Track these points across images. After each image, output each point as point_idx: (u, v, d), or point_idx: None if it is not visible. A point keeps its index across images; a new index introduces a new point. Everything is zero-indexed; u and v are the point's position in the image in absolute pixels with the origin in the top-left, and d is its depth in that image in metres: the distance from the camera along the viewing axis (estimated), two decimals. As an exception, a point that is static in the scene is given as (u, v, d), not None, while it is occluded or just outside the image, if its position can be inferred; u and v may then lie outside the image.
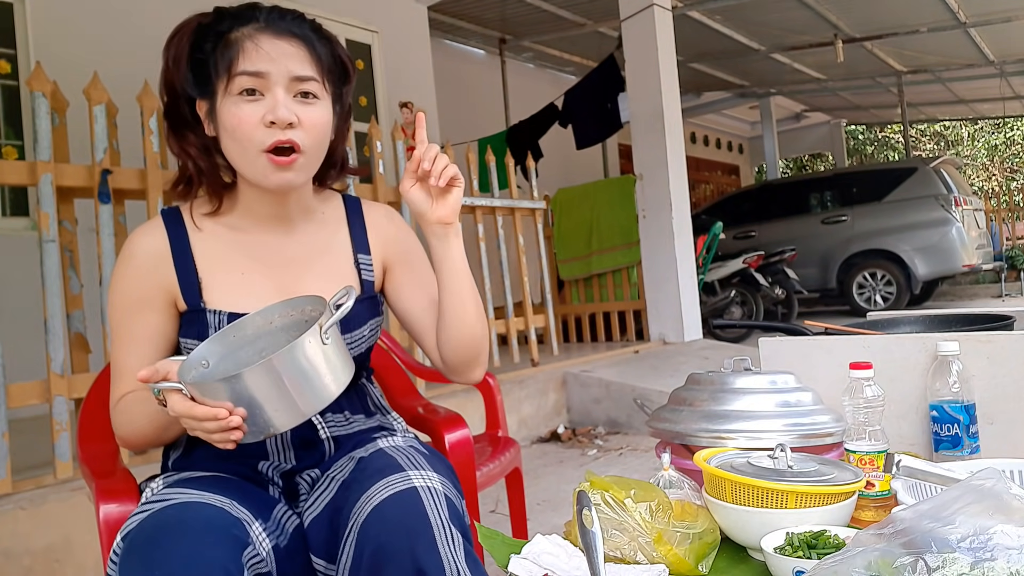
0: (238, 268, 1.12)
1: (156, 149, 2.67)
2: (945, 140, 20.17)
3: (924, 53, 9.22)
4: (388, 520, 0.92)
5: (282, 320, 1.04)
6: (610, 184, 6.17)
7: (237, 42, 1.02)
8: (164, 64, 1.08)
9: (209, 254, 1.12)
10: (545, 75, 9.66)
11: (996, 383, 1.25)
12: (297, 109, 1.03)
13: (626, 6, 5.64)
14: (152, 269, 1.09)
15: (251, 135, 1.02)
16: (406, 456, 1.03)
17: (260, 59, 1.01)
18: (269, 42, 1.03)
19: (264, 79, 1.02)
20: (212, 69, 1.03)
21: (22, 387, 2.33)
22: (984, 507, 0.69)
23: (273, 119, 1.01)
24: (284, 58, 1.03)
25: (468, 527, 0.98)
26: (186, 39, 1.06)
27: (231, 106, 1.02)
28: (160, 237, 1.11)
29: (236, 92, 1.02)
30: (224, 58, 1.02)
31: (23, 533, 2.12)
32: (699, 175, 13.10)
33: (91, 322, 2.64)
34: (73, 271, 2.59)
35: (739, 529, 0.95)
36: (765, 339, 1.46)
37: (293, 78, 1.03)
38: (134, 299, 1.09)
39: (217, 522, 0.90)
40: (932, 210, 8.03)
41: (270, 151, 1.03)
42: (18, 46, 4.40)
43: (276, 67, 1.02)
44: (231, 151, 1.06)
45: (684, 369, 4.31)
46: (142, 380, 0.92)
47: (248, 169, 1.05)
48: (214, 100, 1.05)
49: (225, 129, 1.04)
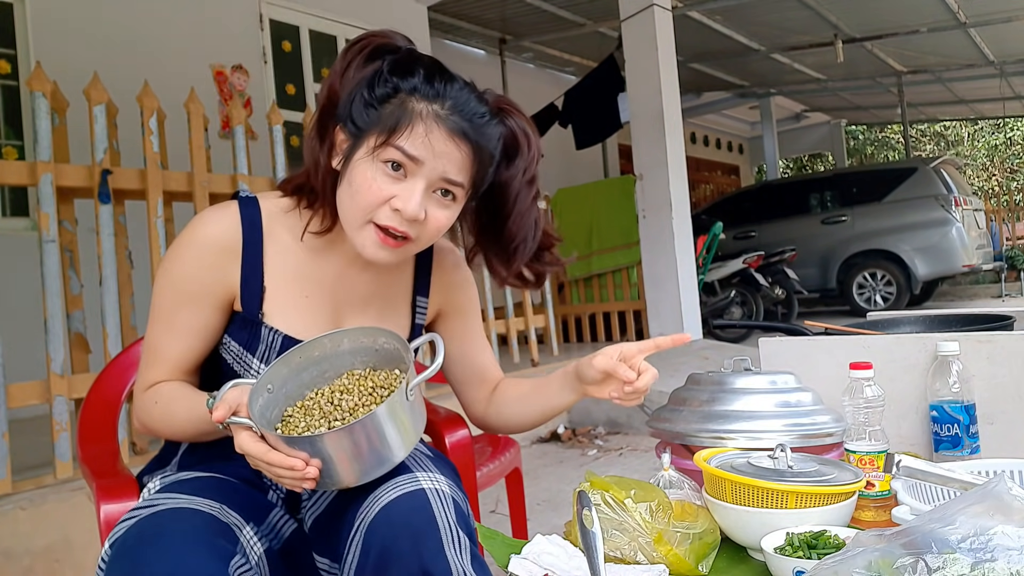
0: (303, 290, 1.08)
1: (156, 149, 2.67)
2: (945, 140, 20.17)
3: (924, 53, 9.22)
4: (395, 521, 0.91)
5: (351, 344, 1.00)
6: (610, 184, 6.18)
7: (412, 114, 0.96)
8: (336, 69, 1.01)
9: (279, 264, 1.07)
10: (545, 75, 9.66)
11: (996, 383, 1.25)
12: (429, 206, 0.99)
13: (626, 6, 5.64)
14: (217, 263, 1.03)
15: (373, 207, 0.97)
16: (412, 457, 1.02)
17: (423, 148, 0.96)
18: (441, 137, 0.96)
19: (416, 165, 0.96)
20: (374, 119, 0.97)
21: (22, 387, 2.33)
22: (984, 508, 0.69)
23: (401, 208, 0.96)
24: (445, 158, 0.97)
25: (474, 530, 0.97)
26: (366, 57, 0.99)
27: (369, 168, 0.97)
28: (233, 227, 1.04)
29: (382, 159, 0.96)
30: (391, 119, 0.96)
31: (23, 533, 2.12)
32: (699, 175, 13.10)
33: (91, 322, 2.64)
34: (73, 271, 2.59)
35: (739, 529, 0.95)
36: (765, 339, 1.46)
37: (442, 178, 0.98)
38: (189, 290, 1.04)
39: (204, 531, 0.89)
40: (932, 210, 8.03)
41: (381, 229, 0.98)
42: (18, 46, 4.40)
43: (434, 162, 0.97)
44: (345, 205, 1.00)
45: (684, 369, 4.30)
46: (218, 422, 0.89)
47: (352, 230, 1.00)
48: (356, 146, 0.99)
49: (351, 184, 0.99)
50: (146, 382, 1.07)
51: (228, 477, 1.04)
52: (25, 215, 4.45)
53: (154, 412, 1.05)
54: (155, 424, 1.06)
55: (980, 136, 19.80)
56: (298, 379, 0.98)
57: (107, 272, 2.54)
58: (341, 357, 1.01)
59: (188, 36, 5.03)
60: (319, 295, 1.09)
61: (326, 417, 0.95)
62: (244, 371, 1.07)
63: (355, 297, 1.12)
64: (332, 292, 1.10)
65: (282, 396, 0.96)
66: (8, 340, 2.40)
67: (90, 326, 2.64)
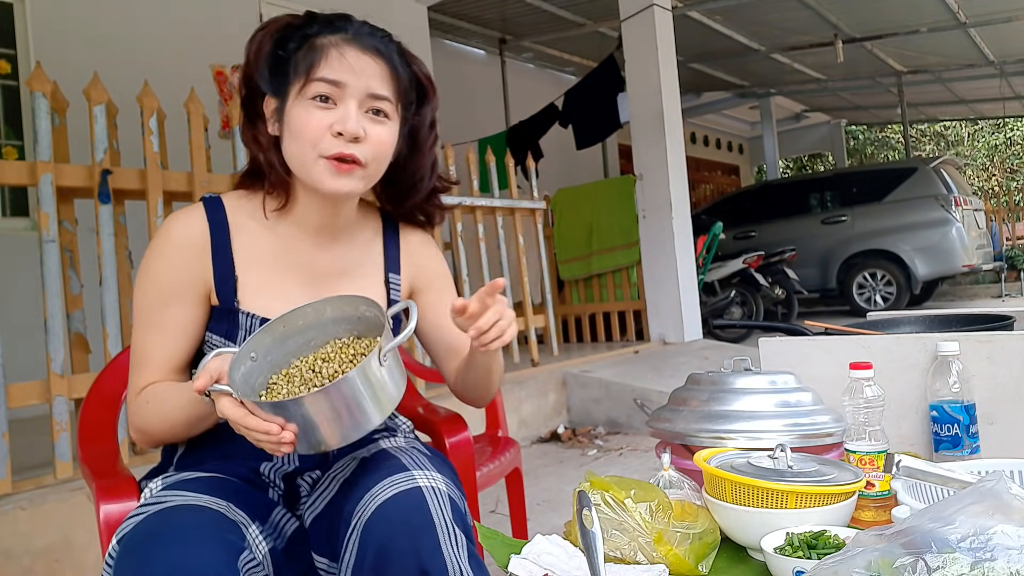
0: (275, 273, 1.11)
1: (156, 149, 2.67)
2: (945, 140, 20.17)
3: (924, 53, 9.22)
4: (392, 519, 0.92)
5: (334, 313, 1.02)
6: (610, 184, 6.17)
7: (322, 48, 1.03)
8: (246, 57, 1.08)
9: (248, 253, 1.11)
10: (545, 75, 9.67)
11: (996, 383, 1.25)
12: (366, 124, 1.04)
13: (626, 6, 5.64)
14: (189, 259, 1.07)
15: (316, 140, 1.02)
16: (409, 456, 1.03)
17: (342, 69, 1.02)
18: (354, 55, 1.03)
19: (341, 89, 1.02)
20: (291, 69, 1.04)
21: (22, 387, 2.33)
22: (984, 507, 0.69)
23: (341, 130, 1.01)
24: (365, 73, 1.03)
25: (471, 528, 0.98)
26: (270, 35, 1.07)
27: (301, 109, 1.03)
28: (200, 225, 1.09)
29: (310, 96, 1.02)
30: (306, 60, 1.03)
31: (23, 533, 2.12)
32: (699, 175, 13.10)
33: (91, 322, 2.64)
34: (73, 271, 2.59)
35: (739, 529, 0.95)
36: (765, 339, 1.46)
37: (369, 95, 1.04)
38: (168, 289, 1.07)
39: (213, 526, 0.89)
40: (932, 210, 8.03)
41: (332, 158, 1.03)
42: (18, 46, 4.41)
43: (356, 80, 1.03)
44: (292, 153, 1.06)
45: (684, 369, 4.31)
46: (199, 391, 0.91)
47: (307, 172, 1.05)
48: (285, 100, 1.05)
49: (291, 130, 1.04)
50: (137, 387, 1.07)
51: (229, 477, 1.05)
52: (25, 215, 4.45)
53: (147, 412, 1.05)
54: (149, 423, 1.05)
55: (980, 136, 19.79)
56: (283, 347, 1.00)
57: (107, 272, 2.54)
58: (326, 326, 1.02)
59: (188, 36, 5.03)
60: (292, 276, 1.12)
61: (307, 384, 0.96)
62: None
63: (328, 275, 1.15)
64: (304, 272, 1.13)
65: (267, 364, 0.98)
66: (8, 340, 2.40)
67: (90, 326, 2.64)
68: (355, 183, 1.05)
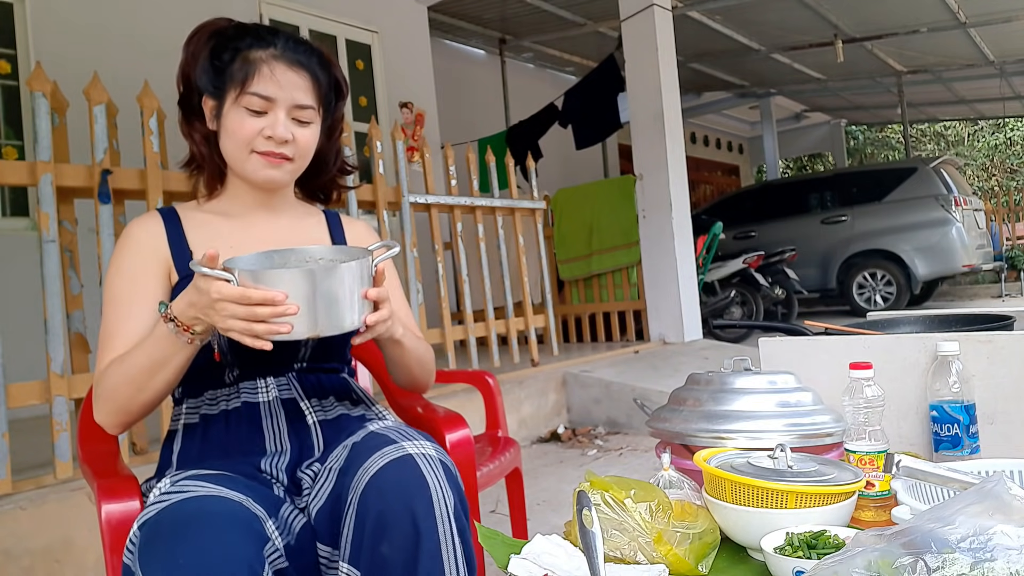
0: (227, 243, 1.22)
1: (156, 149, 2.67)
2: (945, 140, 20.16)
3: (924, 53, 9.22)
4: (385, 487, 0.96)
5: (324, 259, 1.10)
6: (610, 184, 6.17)
7: (255, 63, 1.16)
8: (184, 57, 1.22)
9: (201, 234, 1.23)
10: (545, 75, 9.66)
11: (996, 383, 1.25)
12: (293, 129, 1.18)
13: (626, 6, 5.64)
14: (150, 246, 1.19)
15: (250, 142, 1.17)
16: (397, 431, 1.08)
17: (272, 85, 1.16)
18: (282, 71, 1.17)
19: (271, 102, 1.16)
20: (227, 78, 1.17)
21: (22, 387, 2.33)
22: (984, 507, 0.69)
23: (272, 135, 1.16)
24: (291, 87, 1.17)
25: (462, 491, 1.04)
26: (205, 40, 1.20)
27: (236, 115, 1.16)
28: (156, 222, 1.23)
29: (244, 105, 1.16)
30: (240, 72, 1.16)
31: (23, 533, 2.12)
32: (699, 175, 13.10)
33: (91, 322, 2.64)
34: (73, 271, 2.59)
35: (739, 529, 0.95)
36: (765, 339, 1.46)
37: (294, 105, 1.18)
38: (134, 269, 1.17)
39: (239, 516, 0.91)
40: (932, 210, 8.02)
41: (263, 154, 1.17)
42: (18, 46, 4.40)
43: (283, 95, 1.17)
44: (228, 149, 1.20)
45: (684, 369, 4.31)
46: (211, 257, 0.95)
47: (241, 166, 1.20)
48: (222, 103, 1.18)
49: (227, 132, 1.18)
50: (102, 366, 1.11)
51: (235, 475, 1.05)
52: (25, 215, 4.45)
53: (109, 375, 1.08)
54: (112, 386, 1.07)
55: (980, 136, 19.79)
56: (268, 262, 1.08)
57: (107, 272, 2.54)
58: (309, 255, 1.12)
59: (188, 36, 5.02)
60: (245, 245, 1.22)
61: None
62: None
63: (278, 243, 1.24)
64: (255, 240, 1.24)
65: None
66: (8, 340, 2.40)
67: (90, 326, 2.63)
68: (283, 174, 1.21)
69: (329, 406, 1.22)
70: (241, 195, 1.26)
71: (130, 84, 3.02)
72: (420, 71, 6.70)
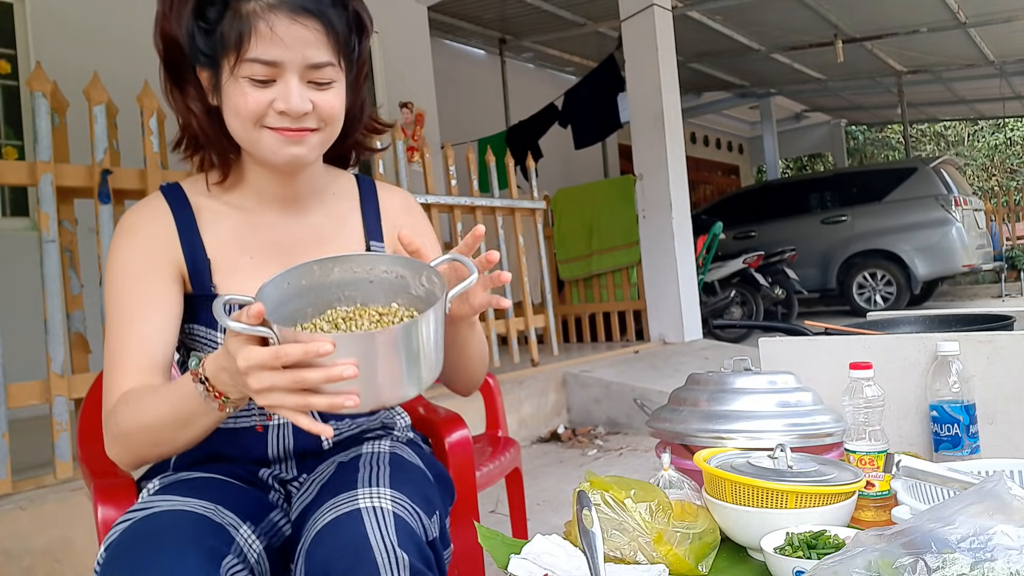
0: (247, 251, 1.05)
1: (156, 149, 2.67)
2: (945, 140, 20.17)
3: (924, 53, 9.22)
4: (331, 544, 0.87)
5: (341, 275, 0.88)
6: (610, 184, 6.17)
7: (248, 19, 0.91)
8: (160, 9, 0.97)
9: (217, 235, 1.04)
10: (545, 75, 9.66)
11: (996, 383, 1.25)
12: (311, 95, 0.95)
13: (626, 6, 5.64)
14: (158, 242, 1.01)
15: (257, 115, 0.95)
16: (371, 470, 0.97)
17: (274, 46, 0.91)
18: (284, 25, 0.91)
19: (277, 68, 0.93)
20: (218, 44, 0.93)
21: (22, 387, 2.33)
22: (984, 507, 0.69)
23: (285, 108, 0.94)
24: (300, 44, 0.92)
25: (423, 543, 0.91)
26: None
27: (237, 89, 0.94)
28: (164, 213, 1.03)
29: (243, 75, 0.93)
30: (232, 33, 0.92)
31: (23, 533, 2.12)
32: (699, 175, 13.10)
33: (91, 322, 2.64)
34: (73, 271, 2.59)
35: (739, 529, 0.95)
36: (765, 339, 1.46)
37: (308, 66, 0.94)
38: (136, 272, 0.98)
39: (193, 533, 0.87)
40: (932, 210, 8.03)
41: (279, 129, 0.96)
42: (18, 46, 4.41)
43: (291, 55, 0.92)
44: (236, 129, 0.98)
45: (684, 369, 4.31)
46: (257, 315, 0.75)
47: (254, 147, 0.98)
48: (218, 74, 0.95)
49: (229, 107, 0.96)
50: (114, 397, 0.95)
51: (226, 477, 1.04)
52: (25, 215, 4.45)
53: (124, 415, 0.92)
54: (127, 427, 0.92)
55: (980, 136, 19.79)
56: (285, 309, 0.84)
57: (107, 272, 2.54)
58: (330, 289, 0.88)
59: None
60: (264, 253, 1.05)
61: None
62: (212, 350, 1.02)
63: (301, 247, 1.07)
64: (276, 246, 1.06)
65: None
66: (8, 340, 2.40)
67: (90, 326, 2.64)
68: (309, 150, 0.98)
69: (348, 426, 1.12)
70: (258, 182, 1.05)
71: (130, 84, 3.02)
72: (420, 71, 6.70)
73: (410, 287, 0.88)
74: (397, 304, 0.88)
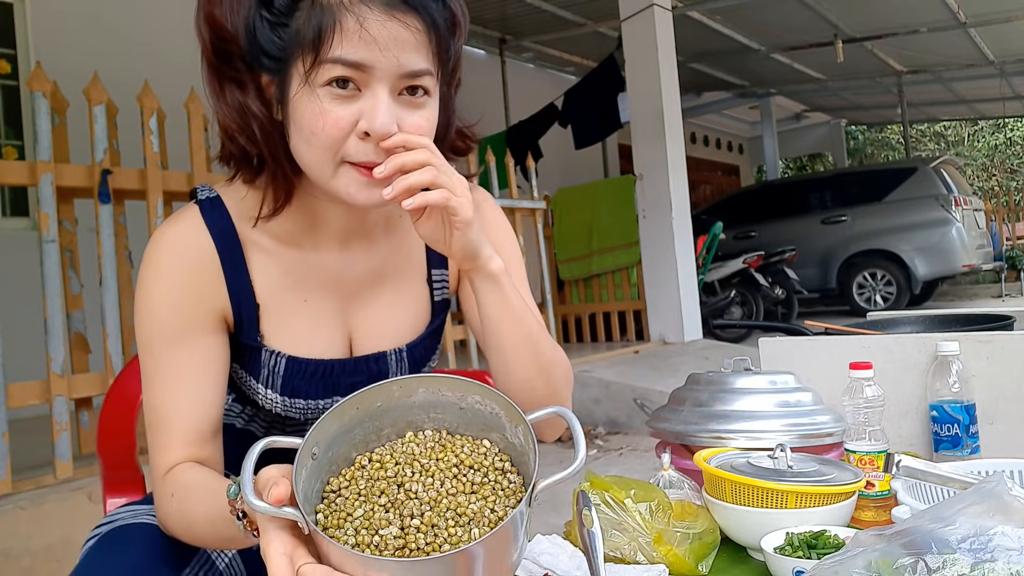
0: (300, 294, 0.89)
1: (156, 149, 2.67)
2: (945, 140, 20.17)
3: (924, 53, 9.22)
4: None
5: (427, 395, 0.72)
6: (610, 184, 6.18)
7: (332, 10, 0.73)
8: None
9: (268, 276, 0.88)
10: (545, 75, 9.66)
11: (996, 383, 1.25)
12: (400, 113, 0.77)
13: (626, 6, 5.64)
14: (201, 291, 0.84)
15: (336, 142, 0.76)
16: None
17: (364, 46, 0.73)
18: (378, 20, 0.73)
19: (365, 73, 0.74)
20: (290, 38, 0.74)
21: (22, 387, 2.33)
22: (984, 508, 0.69)
23: (369, 129, 0.75)
24: (396, 45, 0.74)
25: None
26: None
27: (311, 102, 0.75)
28: (207, 250, 0.84)
29: (322, 82, 0.74)
30: (310, 28, 0.73)
31: (23, 533, 2.12)
32: (699, 175, 13.09)
33: (91, 322, 2.65)
34: (73, 271, 2.59)
35: (739, 529, 0.95)
36: (765, 339, 1.45)
37: (403, 74, 0.76)
38: (178, 325, 0.83)
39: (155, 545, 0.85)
40: (932, 210, 8.04)
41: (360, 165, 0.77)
42: (18, 46, 4.41)
43: (384, 60, 0.74)
44: (304, 156, 0.79)
45: (684, 369, 4.30)
46: (279, 500, 0.62)
47: (326, 182, 0.79)
48: (286, 81, 0.77)
49: (298, 126, 0.77)
50: (160, 466, 0.83)
51: None
52: (25, 215, 4.45)
53: (170, 508, 0.81)
54: (174, 525, 0.82)
55: (980, 136, 19.80)
56: (349, 436, 0.71)
57: (107, 272, 2.54)
58: (410, 410, 0.73)
59: (188, 36, 5.01)
60: (319, 296, 0.90)
61: (372, 485, 0.68)
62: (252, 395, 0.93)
63: (361, 287, 0.93)
64: (334, 288, 0.91)
65: (326, 462, 0.69)
66: (8, 340, 2.40)
67: (90, 326, 2.64)
68: None
69: None
70: (321, 218, 0.88)
71: (130, 84, 3.02)
72: (420, 71, 6.69)
73: (506, 429, 0.72)
74: (489, 443, 0.72)
